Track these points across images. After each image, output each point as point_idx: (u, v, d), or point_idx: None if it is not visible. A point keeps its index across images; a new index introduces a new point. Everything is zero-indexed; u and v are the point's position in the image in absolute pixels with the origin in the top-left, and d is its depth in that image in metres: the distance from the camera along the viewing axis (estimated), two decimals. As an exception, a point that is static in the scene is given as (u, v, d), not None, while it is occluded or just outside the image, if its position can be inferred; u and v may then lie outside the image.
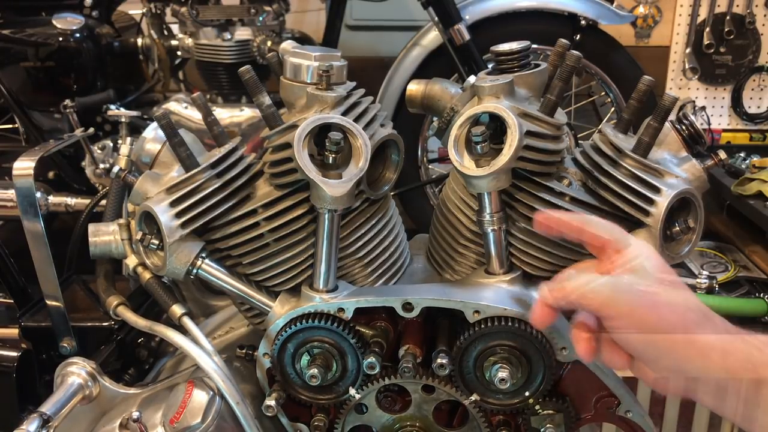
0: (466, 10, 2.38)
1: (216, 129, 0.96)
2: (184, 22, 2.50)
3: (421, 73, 2.43)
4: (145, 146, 1.01)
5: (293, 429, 1.01)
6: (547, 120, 0.89)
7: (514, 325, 0.89)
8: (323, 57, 0.94)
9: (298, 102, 0.94)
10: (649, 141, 0.90)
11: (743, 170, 2.37)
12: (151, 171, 0.99)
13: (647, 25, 2.92)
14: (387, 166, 0.99)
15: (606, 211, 0.92)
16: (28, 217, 1.20)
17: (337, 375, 0.95)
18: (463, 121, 0.89)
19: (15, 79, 2.41)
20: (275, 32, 2.49)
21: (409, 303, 0.92)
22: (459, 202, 0.99)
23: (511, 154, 0.86)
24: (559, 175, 0.94)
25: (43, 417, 0.92)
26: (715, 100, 2.95)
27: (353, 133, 0.89)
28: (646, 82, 0.89)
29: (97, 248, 1.05)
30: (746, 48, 2.87)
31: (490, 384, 0.91)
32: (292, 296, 0.98)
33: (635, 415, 0.94)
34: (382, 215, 1.01)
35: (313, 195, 0.90)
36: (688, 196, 0.89)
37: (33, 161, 1.27)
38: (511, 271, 0.96)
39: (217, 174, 0.93)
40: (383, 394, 0.99)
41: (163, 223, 0.91)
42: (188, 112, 2.39)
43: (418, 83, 1.08)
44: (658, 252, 0.88)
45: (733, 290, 2.08)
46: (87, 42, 2.41)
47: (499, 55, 0.94)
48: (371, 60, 3.00)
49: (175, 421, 0.91)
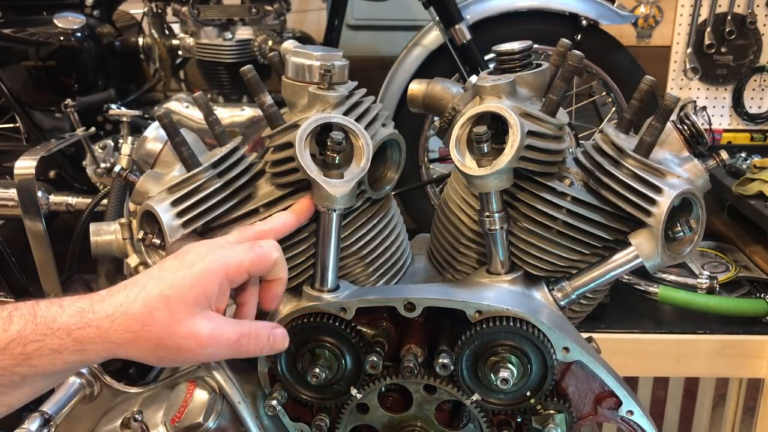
0: (467, 9, 2.38)
1: (217, 128, 0.96)
2: (185, 21, 2.51)
3: (422, 72, 2.43)
4: (146, 145, 1.01)
5: (294, 429, 1.01)
6: (549, 120, 0.89)
7: (515, 324, 0.89)
8: (325, 56, 0.94)
9: (300, 101, 0.95)
10: (651, 141, 0.90)
11: (744, 170, 2.37)
12: (153, 170, 0.99)
13: (648, 25, 2.92)
14: (388, 166, 0.99)
15: (607, 211, 0.92)
16: (29, 216, 1.20)
17: (339, 375, 0.95)
18: (465, 121, 0.89)
19: (16, 79, 2.41)
20: (276, 32, 2.49)
21: (410, 303, 0.92)
22: (460, 201, 0.99)
23: (513, 153, 0.86)
24: (561, 175, 0.94)
25: (45, 416, 0.92)
26: (716, 100, 2.95)
27: (355, 133, 0.89)
28: (648, 82, 0.89)
29: (99, 247, 1.06)
30: (747, 48, 2.87)
31: (491, 384, 0.91)
32: (294, 296, 0.98)
33: (636, 415, 0.94)
34: (384, 215, 1.01)
35: (315, 194, 0.90)
36: (690, 196, 0.89)
37: (34, 161, 1.27)
38: (513, 271, 0.96)
39: (218, 173, 0.94)
40: (385, 394, 0.99)
41: (164, 223, 0.91)
42: (189, 111, 2.39)
43: (420, 83, 1.08)
44: (659, 252, 0.88)
45: (734, 290, 2.08)
46: (88, 41, 2.41)
47: (501, 54, 0.94)
48: (372, 60, 3.00)
49: (176, 420, 0.92)
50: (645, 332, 1.96)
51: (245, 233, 0.85)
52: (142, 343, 0.74)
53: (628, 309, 2.04)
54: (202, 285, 0.76)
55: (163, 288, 0.75)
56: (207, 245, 0.81)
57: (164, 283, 0.75)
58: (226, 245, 0.81)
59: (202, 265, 0.77)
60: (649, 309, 2.05)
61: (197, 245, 0.81)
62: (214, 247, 0.80)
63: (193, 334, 0.75)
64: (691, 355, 1.96)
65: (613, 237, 0.93)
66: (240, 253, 0.80)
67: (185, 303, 0.75)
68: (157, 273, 0.77)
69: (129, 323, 0.74)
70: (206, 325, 0.76)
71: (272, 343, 0.82)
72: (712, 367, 1.99)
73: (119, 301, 0.74)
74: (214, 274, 0.77)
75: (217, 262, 0.78)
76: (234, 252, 0.80)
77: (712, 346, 1.95)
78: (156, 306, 0.74)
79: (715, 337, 1.94)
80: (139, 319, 0.74)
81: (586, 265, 0.95)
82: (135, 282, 0.77)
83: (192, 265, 0.77)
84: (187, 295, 0.75)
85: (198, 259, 0.78)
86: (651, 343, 1.95)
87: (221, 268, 0.78)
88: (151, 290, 0.75)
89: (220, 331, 0.77)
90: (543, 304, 0.96)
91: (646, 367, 2.02)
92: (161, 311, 0.74)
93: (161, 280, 0.76)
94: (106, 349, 0.74)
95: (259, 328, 0.82)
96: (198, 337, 0.75)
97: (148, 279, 0.76)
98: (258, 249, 0.81)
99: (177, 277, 0.76)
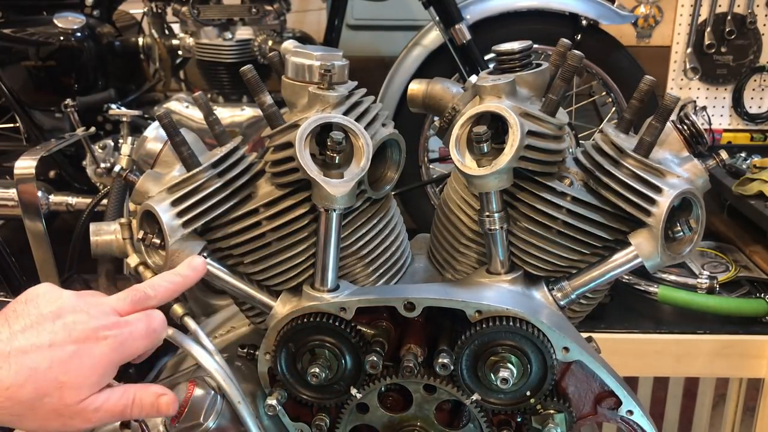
0: (467, 9, 2.39)
1: (217, 128, 0.96)
2: (185, 21, 2.51)
3: (422, 72, 2.44)
4: (146, 145, 1.01)
5: (294, 429, 1.01)
6: (549, 120, 0.89)
7: (515, 324, 0.89)
8: (325, 56, 0.94)
9: (300, 101, 0.95)
10: (651, 141, 0.90)
11: (744, 170, 2.37)
12: (153, 170, 0.99)
13: (648, 25, 2.92)
14: (388, 166, 0.99)
15: (607, 211, 0.92)
16: (29, 216, 1.20)
17: (339, 374, 0.95)
18: (465, 121, 0.89)
19: (16, 79, 2.42)
20: (276, 32, 2.49)
21: (410, 302, 0.92)
22: (460, 201, 0.99)
23: (513, 153, 0.86)
24: (561, 174, 0.94)
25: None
26: (716, 100, 2.95)
27: (355, 133, 0.89)
28: (648, 81, 0.89)
29: (99, 247, 1.05)
30: (747, 48, 2.87)
31: (491, 383, 0.91)
32: (294, 296, 0.98)
33: (636, 415, 0.94)
34: (384, 215, 1.01)
35: (315, 194, 0.90)
36: (690, 195, 0.89)
37: (34, 161, 1.27)
38: (513, 270, 0.96)
39: (218, 173, 0.94)
40: (385, 394, 0.99)
41: (164, 222, 0.91)
42: (189, 111, 2.40)
43: (420, 83, 1.08)
44: (659, 251, 0.88)
45: (734, 290, 2.08)
46: (88, 41, 2.41)
47: (501, 54, 0.94)
48: (372, 59, 3.00)
49: (176, 420, 0.91)
50: (645, 332, 1.96)
51: (132, 298, 0.80)
52: (23, 422, 0.72)
53: (628, 309, 2.04)
54: (100, 375, 0.74)
55: (59, 374, 0.71)
56: (97, 316, 0.75)
57: (60, 369, 0.71)
58: (121, 323, 0.77)
59: (101, 349, 0.74)
60: (649, 309, 2.05)
61: (80, 309, 0.76)
62: (108, 321, 0.76)
63: (81, 412, 0.74)
64: (691, 355, 1.96)
65: (613, 237, 0.93)
66: (137, 339, 0.77)
67: (79, 391, 0.73)
68: (46, 343, 0.72)
69: (14, 408, 0.71)
70: (93, 402, 0.74)
71: (157, 410, 0.81)
72: (712, 367, 1.99)
73: (5, 384, 0.70)
74: (111, 363, 0.75)
75: (116, 351, 0.75)
76: (132, 337, 0.76)
77: (712, 346, 1.95)
78: (48, 393, 0.71)
79: (715, 337, 1.94)
80: (27, 404, 0.71)
81: (586, 265, 0.95)
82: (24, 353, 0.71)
83: (85, 343, 0.73)
84: (82, 384, 0.73)
85: (93, 338, 0.74)
86: (651, 343, 1.95)
87: (118, 357, 0.76)
88: (45, 375, 0.71)
89: (107, 405, 0.76)
90: (543, 304, 0.96)
91: (646, 367, 2.02)
92: (53, 398, 0.72)
93: (58, 365, 0.71)
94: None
95: (143, 398, 0.79)
96: (84, 415, 0.74)
97: (41, 357, 0.71)
98: (154, 334, 0.79)
99: (74, 365, 0.72)
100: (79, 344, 0.73)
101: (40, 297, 0.77)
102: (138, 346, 0.78)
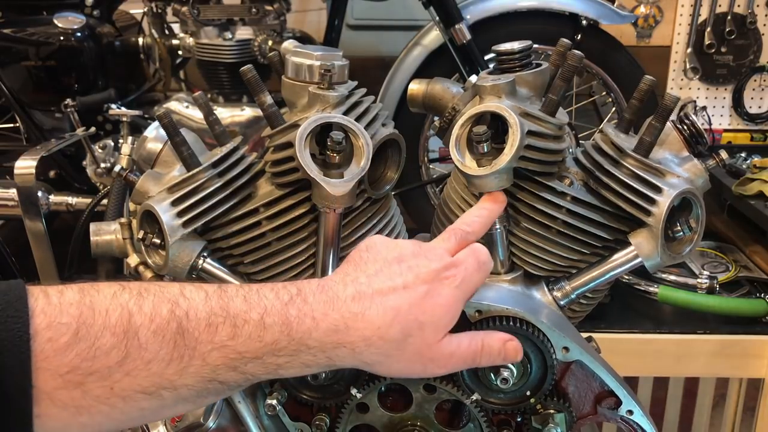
0: (467, 9, 2.39)
1: (217, 128, 0.96)
2: (185, 21, 2.51)
3: (422, 72, 2.44)
4: (146, 145, 1.01)
5: (294, 428, 1.01)
6: (549, 120, 0.89)
7: (515, 324, 0.89)
8: (325, 56, 0.94)
9: (300, 101, 0.95)
10: (651, 141, 0.90)
11: (744, 170, 2.37)
12: (153, 170, 0.99)
13: (648, 25, 2.92)
14: (388, 166, 0.99)
15: (607, 211, 0.92)
16: (29, 216, 1.20)
17: (339, 374, 0.95)
18: (465, 121, 0.89)
19: (16, 79, 2.42)
20: (276, 32, 2.49)
21: (410, 302, 0.92)
22: (460, 201, 0.99)
23: (513, 153, 0.86)
24: (561, 174, 0.94)
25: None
26: (716, 100, 2.95)
27: (355, 133, 0.89)
28: (648, 81, 0.89)
29: (99, 247, 1.05)
30: (747, 48, 2.87)
31: (491, 383, 0.91)
32: (294, 295, 0.98)
33: (636, 415, 0.94)
34: (384, 215, 1.01)
35: (315, 194, 0.90)
36: (690, 195, 0.89)
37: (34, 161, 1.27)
38: (513, 270, 0.96)
39: (218, 173, 0.94)
40: (384, 394, 0.99)
41: (164, 222, 0.91)
42: (189, 111, 2.40)
43: (420, 83, 1.08)
44: (659, 251, 0.88)
45: (734, 290, 2.08)
46: (88, 41, 2.41)
47: (501, 54, 0.94)
48: (372, 59, 3.00)
49: (176, 420, 0.92)
50: (645, 332, 1.96)
51: (456, 237, 0.83)
52: (391, 363, 0.75)
53: (628, 309, 2.04)
54: (452, 315, 0.77)
55: (418, 314, 0.75)
56: (436, 259, 0.79)
57: (419, 309, 0.75)
58: (457, 262, 0.79)
59: (447, 289, 0.77)
60: (649, 309, 2.05)
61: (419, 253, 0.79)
62: (447, 262, 0.79)
63: (438, 355, 0.77)
64: (691, 355, 1.96)
65: (612, 237, 0.93)
66: (473, 274, 0.79)
67: (437, 332, 0.76)
68: (401, 285, 0.75)
69: (385, 348, 0.74)
70: (448, 346, 0.77)
71: (504, 356, 0.82)
72: (712, 367, 1.99)
73: (376, 324, 0.74)
74: (458, 301, 0.77)
75: (460, 288, 0.77)
76: (468, 273, 0.79)
77: (712, 346, 1.94)
78: (411, 333, 0.74)
79: (715, 337, 1.94)
80: (395, 343, 0.74)
81: (586, 265, 0.95)
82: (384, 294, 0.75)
83: (432, 283, 0.76)
84: (438, 324, 0.76)
85: (438, 279, 0.77)
86: (651, 343, 1.95)
87: (462, 295, 0.78)
88: (407, 315, 0.74)
89: (459, 351, 0.78)
90: (543, 304, 0.96)
91: (646, 367, 2.02)
92: (416, 338, 0.75)
93: (416, 306, 0.75)
94: (354, 365, 0.75)
95: (492, 344, 0.81)
96: (440, 360, 0.77)
97: (400, 298, 0.75)
98: (484, 266, 0.81)
99: (428, 304, 0.75)
100: (428, 284, 0.76)
101: (378, 245, 0.80)
102: (475, 281, 0.79)
